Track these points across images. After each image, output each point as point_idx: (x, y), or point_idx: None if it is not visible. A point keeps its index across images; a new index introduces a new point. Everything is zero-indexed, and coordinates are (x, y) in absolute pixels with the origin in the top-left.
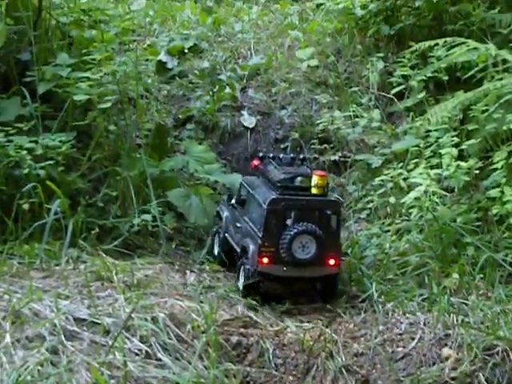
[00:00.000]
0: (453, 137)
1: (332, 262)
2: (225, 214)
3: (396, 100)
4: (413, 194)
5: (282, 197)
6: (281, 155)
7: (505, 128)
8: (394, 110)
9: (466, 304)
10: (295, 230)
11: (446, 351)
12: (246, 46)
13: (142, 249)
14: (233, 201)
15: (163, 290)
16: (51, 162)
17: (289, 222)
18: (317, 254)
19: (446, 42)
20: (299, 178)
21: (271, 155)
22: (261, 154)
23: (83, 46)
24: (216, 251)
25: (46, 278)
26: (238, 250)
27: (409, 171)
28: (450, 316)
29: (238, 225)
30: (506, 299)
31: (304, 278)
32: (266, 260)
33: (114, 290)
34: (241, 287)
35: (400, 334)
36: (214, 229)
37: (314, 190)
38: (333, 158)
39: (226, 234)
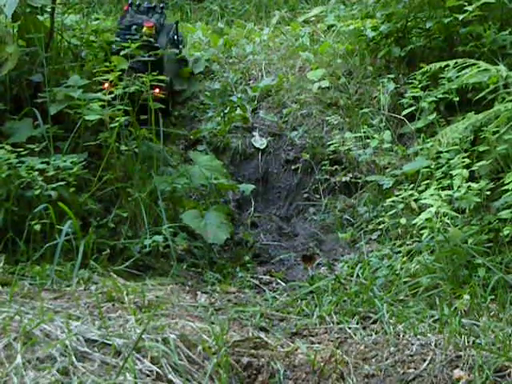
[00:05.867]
0: (464, 158)
1: None
2: None
3: (407, 121)
4: (424, 215)
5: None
6: (145, 4)
7: None
8: (404, 132)
9: (478, 325)
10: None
11: (457, 373)
12: (257, 68)
13: (153, 270)
14: None
15: (174, 311)
16: (62, 183)
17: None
18: None
19: (456, 63)
20: (134, 27)
21: (137, 2)
22: (130, 1)
23: (94, 68)
24: None
25: (57, 299)
26: None
27: (420, 192)
28: (461, 337)
29: None
30: None
31: None
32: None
33: (124, 311)
34: None
35: (411, 356)
36: None
37: (144, 37)
38: (344, 179)
39: None
